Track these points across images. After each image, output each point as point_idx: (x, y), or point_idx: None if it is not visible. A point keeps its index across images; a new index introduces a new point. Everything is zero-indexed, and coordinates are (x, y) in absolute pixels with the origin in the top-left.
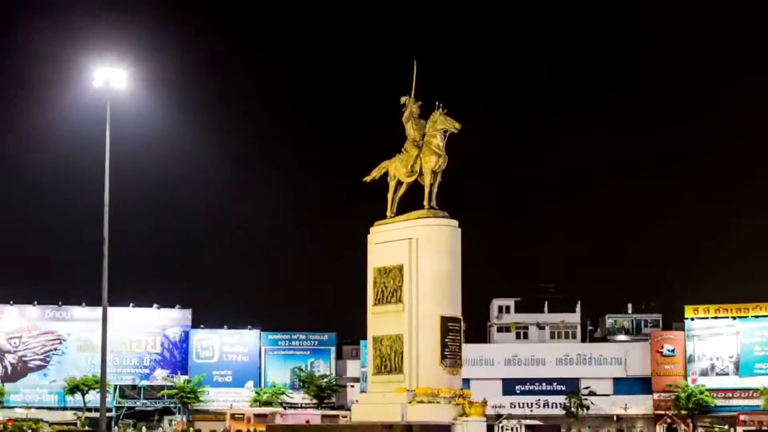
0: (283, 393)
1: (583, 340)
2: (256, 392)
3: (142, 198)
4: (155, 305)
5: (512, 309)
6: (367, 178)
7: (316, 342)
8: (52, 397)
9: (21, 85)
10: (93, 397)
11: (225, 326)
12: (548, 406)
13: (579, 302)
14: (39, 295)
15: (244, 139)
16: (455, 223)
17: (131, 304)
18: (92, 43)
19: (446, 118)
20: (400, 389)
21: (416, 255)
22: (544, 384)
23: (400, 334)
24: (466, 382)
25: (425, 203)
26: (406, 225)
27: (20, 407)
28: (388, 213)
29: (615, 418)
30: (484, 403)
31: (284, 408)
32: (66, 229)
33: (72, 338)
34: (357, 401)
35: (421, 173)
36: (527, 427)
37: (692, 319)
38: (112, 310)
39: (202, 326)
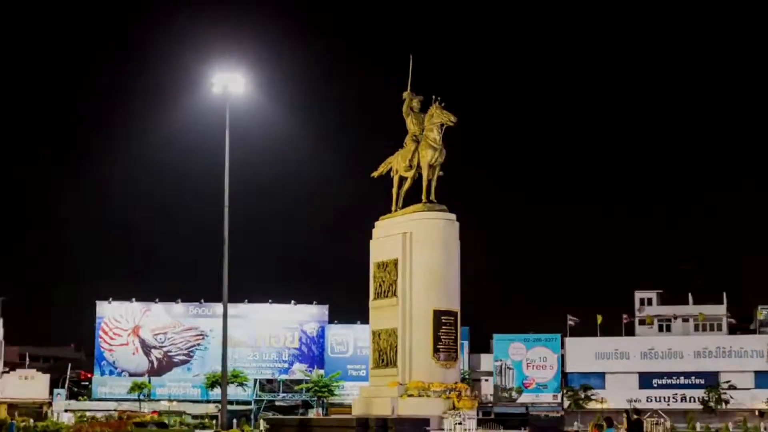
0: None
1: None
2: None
3: (283, 198)
4: (292, 301)
5: (654, 301)
6: (375, 174)
7: None
8: (195, 391)
9: (148, 91)
10: (232, 391)
11: (358, 321)
12: (686, 401)
13: (724, 293)
14: (183, 293)
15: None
16: (452, 216)
17: (269, 300)
18: (212, 49)
19: (442, 112)
20: (393, 383)
21: (410, 249)
22: (682, 378)
23: (395, 328)
24: (602, 375)
25: (423, 197)
26: (403, 219)
27: (165, 400)
28: (393, 208)
29: (757, 412)
30: (476, 396)
31: None
32: (206, 229)
33: (214, 334)
34: (358, 395)
35: (419, 167)
36: (480, 420)
37: None
38: (251, 307)
39: (336, 321)
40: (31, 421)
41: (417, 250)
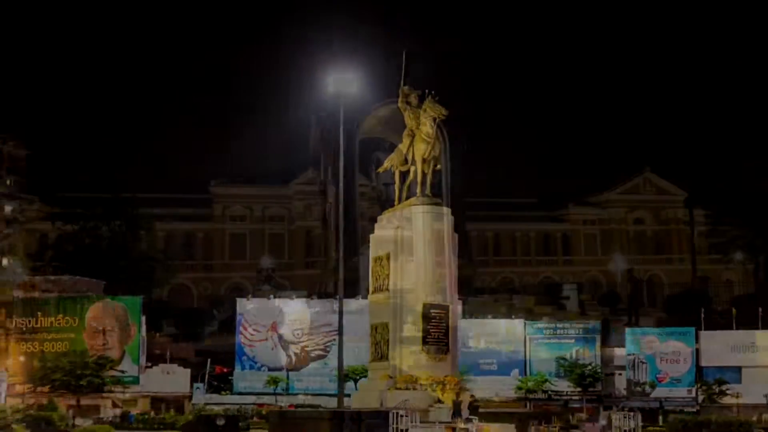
0: (547, 381)
1: None
2: (520, 381)
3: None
4: None
5: None
6: (380, 169)
7: (581, 330)
8: (332, 385)
9: (265, 91)
10: None
11: (489, 316)
12: None
13: None
14: (319, 289)
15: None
16: (444, 210)
17: None
18: (327, 50)
19: (434, 105)
20: (384, 376)
21: (401, 243)
22: None
23: (387, 322)
24: (738, 370)
25: (418, 191)
26: (397, 215)
27: (302, 394)
28: (396, 203)
29: None
30: (462, 390)
31: (549, 396)
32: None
33: (348, 329)
34: (358, 388)
35: (414, 162)
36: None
37: None
38: None
39: (467, 316)
40: (152, 413)
41: (407, 244)
